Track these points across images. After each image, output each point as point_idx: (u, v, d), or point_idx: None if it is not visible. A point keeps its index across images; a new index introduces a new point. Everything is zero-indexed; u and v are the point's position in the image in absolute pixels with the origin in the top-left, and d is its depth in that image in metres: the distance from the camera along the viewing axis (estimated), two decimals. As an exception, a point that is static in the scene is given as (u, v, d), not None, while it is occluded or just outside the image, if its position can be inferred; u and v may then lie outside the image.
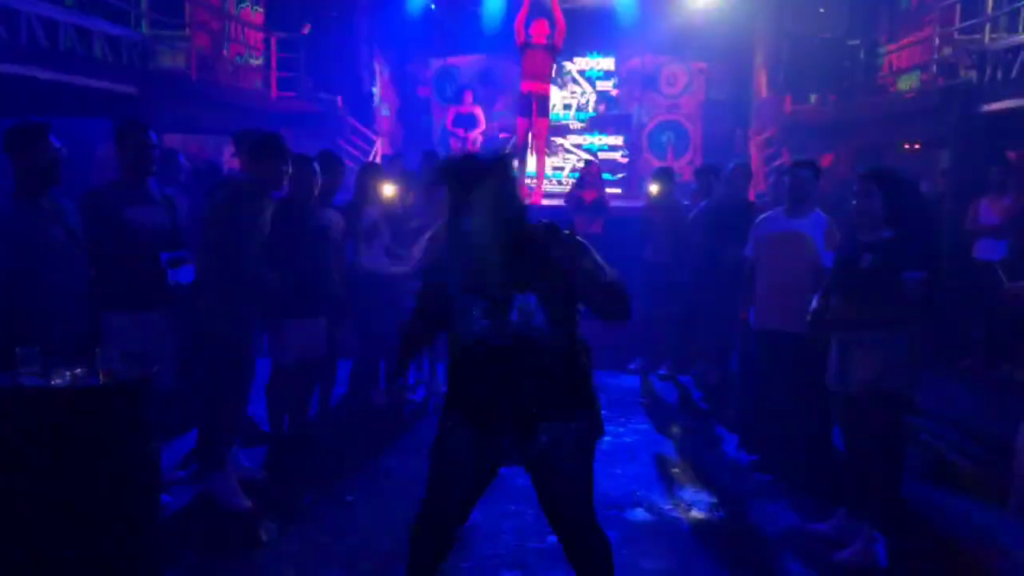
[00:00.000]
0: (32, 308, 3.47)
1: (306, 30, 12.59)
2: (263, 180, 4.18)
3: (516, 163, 2.63)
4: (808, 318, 3.96)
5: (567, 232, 2.50)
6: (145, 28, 9.56)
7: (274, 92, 12.19)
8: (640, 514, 4.28)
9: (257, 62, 12.68)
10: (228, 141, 6.79)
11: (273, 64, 12.30)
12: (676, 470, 4.97)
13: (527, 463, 2.63)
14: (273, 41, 12.37)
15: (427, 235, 2.67)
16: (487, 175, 2.42)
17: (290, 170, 4.27)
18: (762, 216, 5.06)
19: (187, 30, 10.37)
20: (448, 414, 2.68)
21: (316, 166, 4.81)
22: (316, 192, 4.82)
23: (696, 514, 4.32)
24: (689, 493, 4.59)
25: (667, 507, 4.39)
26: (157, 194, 4.20)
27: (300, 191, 4.73)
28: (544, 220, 2.51)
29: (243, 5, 12.78)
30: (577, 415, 2.61)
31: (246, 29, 12.69)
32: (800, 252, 4.61)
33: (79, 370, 3.07)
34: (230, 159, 9.22)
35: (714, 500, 4.49)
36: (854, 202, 3.88)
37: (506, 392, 2.53)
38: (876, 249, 3.71)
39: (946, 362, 7.00)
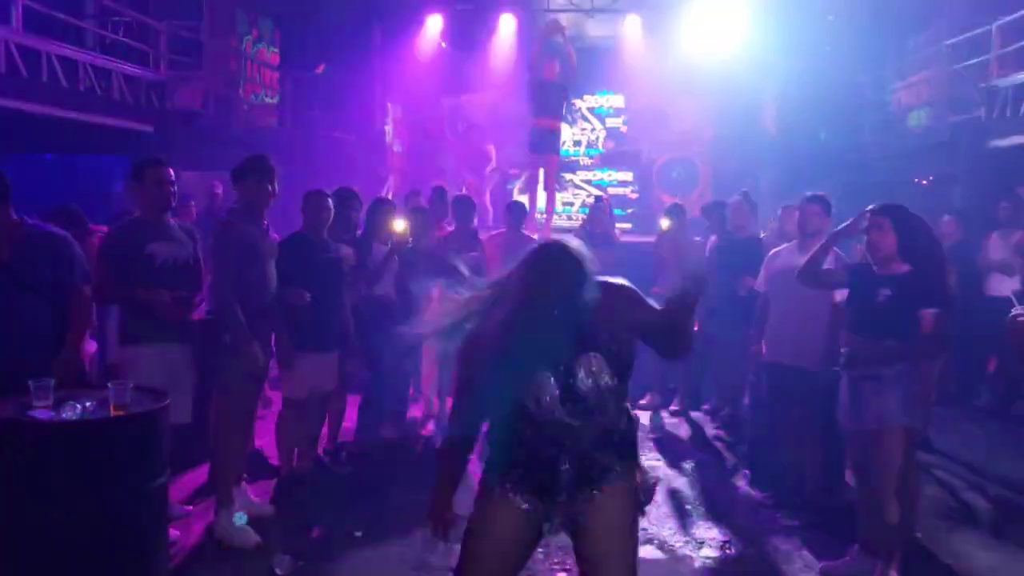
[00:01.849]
0: (16, 344, 3.49)
1: (320, 70, 12.79)
2: (252, 200, 4.23)
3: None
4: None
5: (618, 284, 2.48)
6: (163, 68, 9.73)
7: (288, 130, 12.36)
8: (651, 551, 4.24)
9: (272, 100, 12.86)
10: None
11: (288, 102, 12.48)
12: (688, 506, 4.93)
13: (575, 528, 2.48)
14: (288, 80, 12.58)
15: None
16: (574, 267, 2.36)
17: (276, 187, 4.30)
18: (774, 250, 5.08)
19: (204, 70, 10.54)
20: (494, 485, 2.48)
21: (330, 201, 4.87)
22: (328, 226, 4.88)
23: (708, 551, 4.28)
24: (701, 530, 4.55)
25: (678, 544, 4.35)
26: (177, 229, 4.25)
27: (313, 225, 4.79)
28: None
29: (259, 46, 12.99)
30: (631, 475, 2.52)
31: (262, 69, 12.90)
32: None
33: (89, 403, 3.09)
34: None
35: (726, 537, 4.44)
36: (866, 238, 3.89)
37: (571, 455, 2.42)
38: (892, 284, 3.71)
39: (960, 399, 6.94)
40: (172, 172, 4.17)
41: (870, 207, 3.89)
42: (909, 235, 3.75)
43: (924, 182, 10.56)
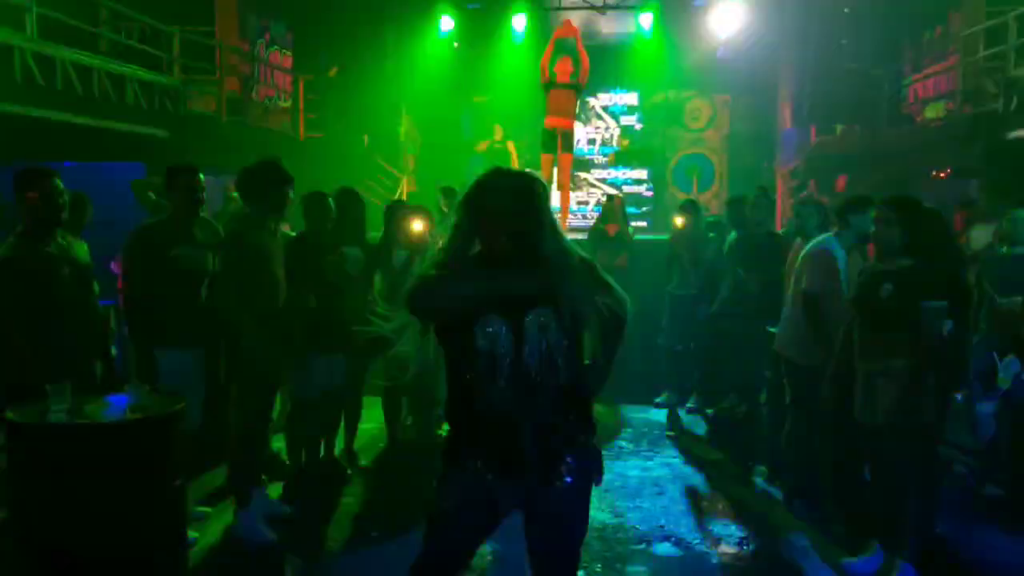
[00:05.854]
0: (43, 346, 3.52)
1: (333, 72, 12.84)
2: (266, 207, 4.25)
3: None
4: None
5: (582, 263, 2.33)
6: (177, 73, 9.80)
7: (302, 133, 12.42)
8: (667, 548, 4.23)
9: (286, 104, 12.94)
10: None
11: (301, 105, 12.55)
12: (705, 503, 4.91)
13: (533, 507, 2.37)
14: (301, 83, 12.64)
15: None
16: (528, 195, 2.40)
17: (291, 192, 4.31)
18: (797, 246, 5.02)
19: (218, 74, 10.61)
20: (457, 459, 2.44)
21: (330, 203, 4.88)
22: (329, 227, 4.89)
23: (725, 548, 4.25)
24: (718, 527, 4.52)
25: (695, 541, 4.33)
26: (200, 235, 4.29)
27: (314, 227, 4.81)
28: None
29: (272, 49, 13.07)
30: (590, 448, 2.40)
31: (275, 72, 12.96)
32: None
33: (108, 406, 3.11)
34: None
35: (743, 534, 4.42)
36: (873, 231, 3.87)
37: (530, 423, 2.28)
38: (894, 278, 3.69)
39: (979, 391, 6.85)
40: (203, 178, 4.26)
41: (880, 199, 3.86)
42: (914, 228, 3.72)
43: (943, 175, 10.46)
